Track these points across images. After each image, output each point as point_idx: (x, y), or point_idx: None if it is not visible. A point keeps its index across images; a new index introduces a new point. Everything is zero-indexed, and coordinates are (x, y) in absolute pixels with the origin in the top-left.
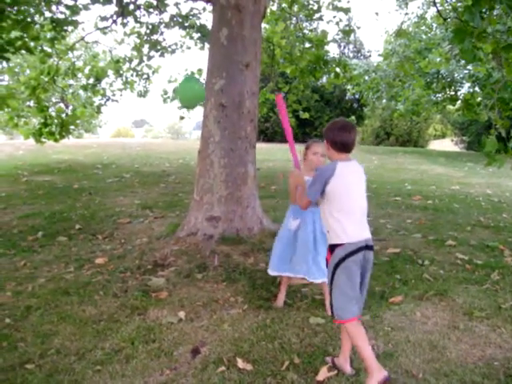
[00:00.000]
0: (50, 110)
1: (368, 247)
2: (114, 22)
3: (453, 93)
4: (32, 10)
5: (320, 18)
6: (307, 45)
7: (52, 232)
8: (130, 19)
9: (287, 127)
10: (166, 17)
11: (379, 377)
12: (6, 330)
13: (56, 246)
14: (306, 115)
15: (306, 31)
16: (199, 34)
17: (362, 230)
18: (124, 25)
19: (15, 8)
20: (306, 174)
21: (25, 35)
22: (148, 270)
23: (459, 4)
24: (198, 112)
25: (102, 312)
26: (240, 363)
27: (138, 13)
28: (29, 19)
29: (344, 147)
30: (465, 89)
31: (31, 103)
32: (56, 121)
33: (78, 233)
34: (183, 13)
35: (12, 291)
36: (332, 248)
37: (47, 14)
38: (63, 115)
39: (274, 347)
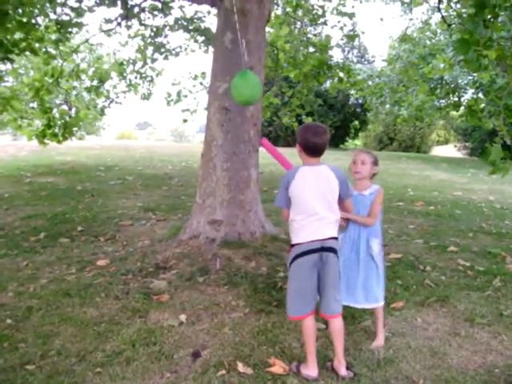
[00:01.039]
0: (54, 111)
1: (325, 249)
2: (119, 24)
3: (456, 99)
4: (37, 12)
5: (324, 23)
6: (311, 49)
7: (54, 233)
8: (135, 22)
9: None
10: (170, 20)
11: (309, 372)
12: (7, 331)
13: (58, 247)
14: (309, 119)
15: (310, 36)
16: (203, 37)
17: (316, 233)
18: (128, 27)
19: (20, 10)
20: (355, 188)
21: (30, 37)
22: (150, 273)
23: (464, 10)
24: (201, 115)
25: (103, 314)
26: (240, 367)
27: (142, 15)
28: (33, 21)
29: (314, 151)
30: (468, 95)
31: (35, 105)
32: (59, 122)
33: (80, 234)
34: (188, 16)
35: (14, 292)
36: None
37: (52, 16)
38: (66, 117)
39: (275, 351)
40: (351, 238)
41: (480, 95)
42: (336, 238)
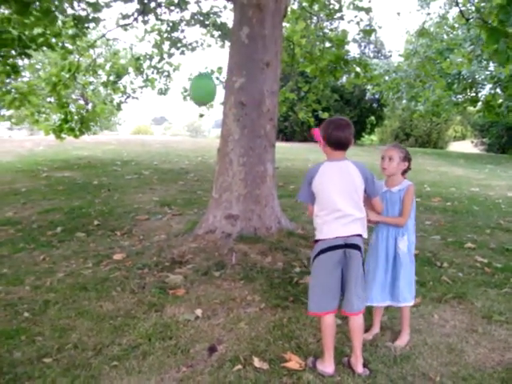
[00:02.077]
0: (70, 106)
1: (349, 245)
2: (135, 19)
3: (474, 94)
4: (56, 3)
5: (341, 18)
6: (327, 44)
7: (71, 227)
8: (151, 17)
9: None
10: (186, 15)
11: (325, 368)
12: (25, 324)
13: (75, 241)
14: (325, 115)
15: (326, 30)
16: (220, 32)
17: (340, 229)
18: (145, 22)
19: (38, 4)
20: (385, 184)
21: (47, 32)
22: (166, 267)
23: (483, 4)
24: (218, 110)
25: (120, 308)
26: (256, 362)
27: (159, 10)
28: (53, 12)
29: (337, 145)
30: (486, 90)
31: (52, 99)
32: (76, 117)
33: (96, 229)
34: (204, 11)
35: (31, 285)
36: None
37: (69, 11)
38: (83, 112)
39: (291, 347)
40: (380, 237)
41: (498, 90)
42: (360, 236)
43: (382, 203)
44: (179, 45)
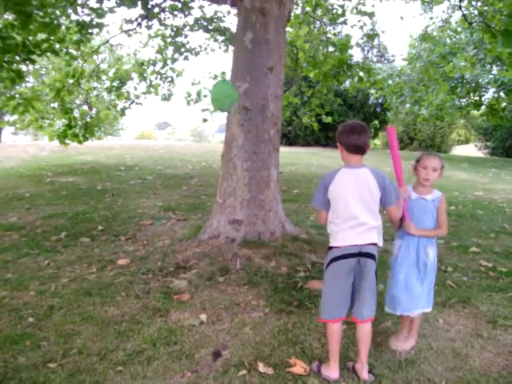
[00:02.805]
0: (74, 112)
1: (363, 254)
2: (139, 24)
3: (477, 98)
4: (58, 13)
5: (344, 22)
6: (331, 49)
7: (75, 233)
8: (155, 22)
9: (395, 153)
10: (190, 20)
11: (329, 373)
12: (30, 329)
13: (79, 246)
14: (328, 119)
15: (329, 35)
16: (223, 37)
17: (355, 238)
18: (149, 27)
19: (42, 11)
20: (416, 190)
21: (51, 37)
22: (170, 272)
23: (485, 8)
24: (221, 115)
25: (124, 313)
26: (261, 367)
27: (162, 15)
28: (55, 22)
29: (355, 149)
30: (489, 94)
31: (55, 105)
32: (80, 123)
33: (100, 234)
34: (208, 16)
35: (35, 291)
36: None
37: (73, 17)
38: (87, 117)
39: (296, 352)
40: (411, 246)
41: (501, 94)
42: (375, 244)
43: (403, 210)
44: (183, 50)
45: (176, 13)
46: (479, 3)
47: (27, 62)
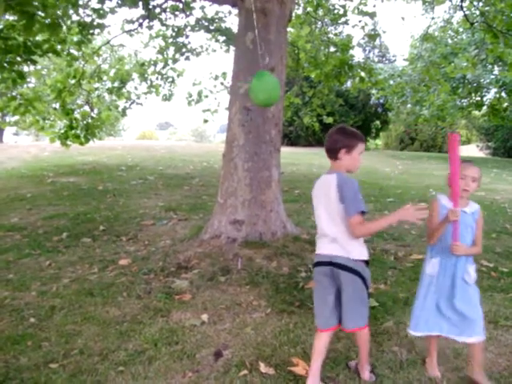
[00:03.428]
0: (75, 112)
1: (334, 264)
2: (140, 25)
3: (479, 98)
4: (59, 14)
5: (345, 23)
6: (332, 49)
7: (76, 233)
8: (156, 22)
9: (455, 171)
10: (191, 20)
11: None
12: (31, 330)
13: (80, 246)
14: (330, 120)
15: (331, 35)
16: (224, 37)
17: (324, 247)
18: (150, 28)
19: (43, 11)
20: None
21: (52, 38)
22: (171, 272)
23: (487, 8)
24: (222, 115)
25: (126, 313)
26: (262, 367)
27: (163, 16)
28: (56, 22)
29: (326, 154)
30: (491, 94)
31: (57, 106)
32: (81, 124)
33: (101, 234)
34: (209, 16)
35: (37, 291)
36: None
37: (74, 18)
38: (89, 118)
39: (297, 352)
40: (448, 264)
41: (503, 94)
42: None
43: (454, 228)
44: (184, 50)
45: (177, 13)
46: (481, 3)
47: (28, 63)
